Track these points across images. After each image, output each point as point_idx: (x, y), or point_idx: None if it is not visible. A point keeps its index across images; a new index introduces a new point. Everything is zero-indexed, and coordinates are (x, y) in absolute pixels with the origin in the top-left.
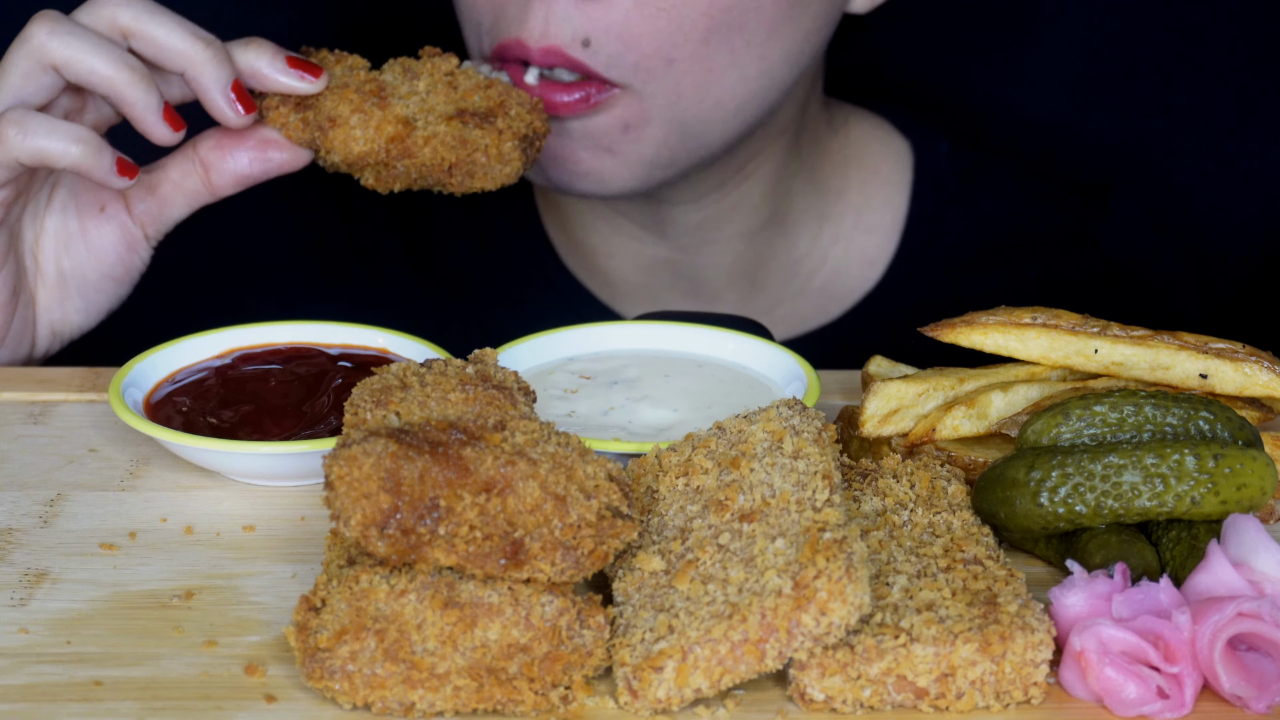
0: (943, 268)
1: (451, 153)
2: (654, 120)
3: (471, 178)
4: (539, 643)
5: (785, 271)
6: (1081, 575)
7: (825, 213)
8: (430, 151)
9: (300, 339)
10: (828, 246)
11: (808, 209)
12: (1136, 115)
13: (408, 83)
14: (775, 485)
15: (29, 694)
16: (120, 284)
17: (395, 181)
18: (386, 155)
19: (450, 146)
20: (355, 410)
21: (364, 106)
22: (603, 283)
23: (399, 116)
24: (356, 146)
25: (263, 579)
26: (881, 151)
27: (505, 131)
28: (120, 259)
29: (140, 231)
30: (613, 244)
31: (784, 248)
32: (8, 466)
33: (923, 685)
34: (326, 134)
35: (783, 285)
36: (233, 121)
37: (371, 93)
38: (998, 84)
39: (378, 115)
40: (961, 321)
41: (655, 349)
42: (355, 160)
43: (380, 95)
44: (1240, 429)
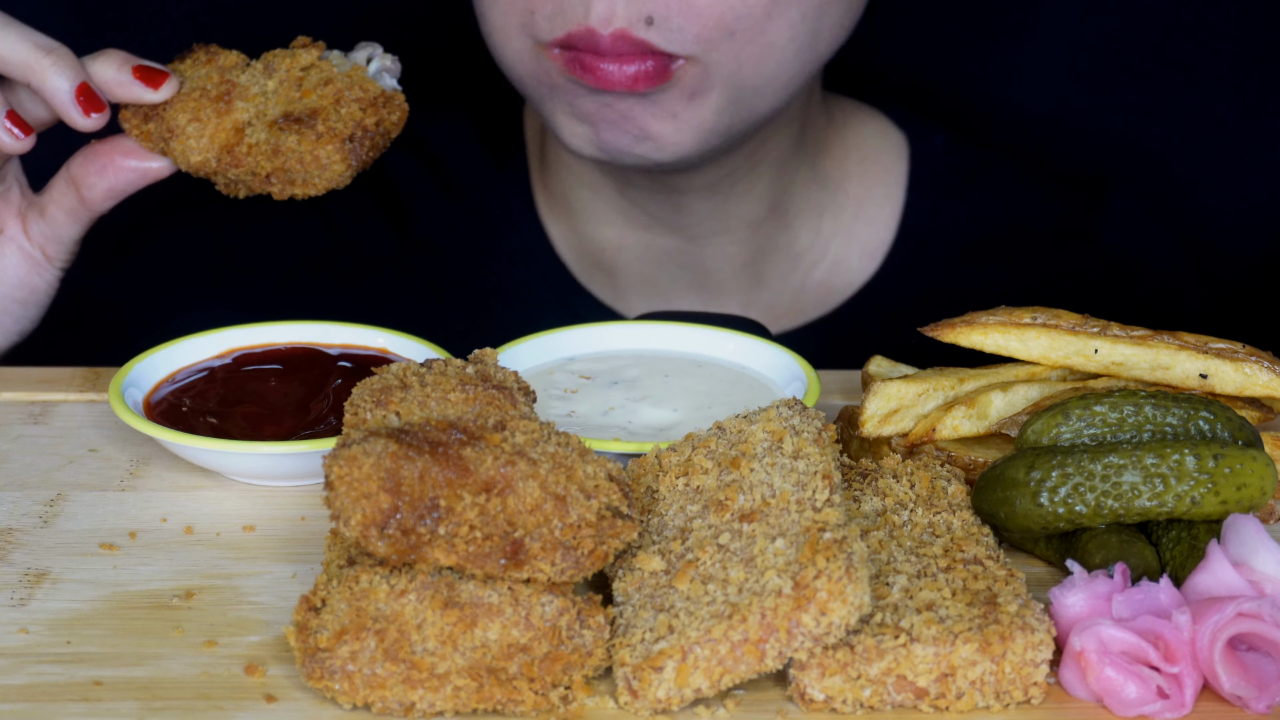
0: (939, 261)
1: (268, 161)
2: (716, 87)
3: (291, 184)
4: (539, 643)
5: (787, 264)
6: (1081, 575)
7: (825, 205)
8: (252, 160)
9: (300, 339)
10: (828, 239)
11: (809, 201)
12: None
13: (260, 82)
14: (775, 485)
15: (29, 694)
16: (26, 306)
17: (238, 189)
18: (219, 165)
19: (266, 155)
20: (355, 410)
21: (201, 115)
22: (605, 280)
23: (234, 124)
24: (194, 156)
25: (263, 579)
26: (879, 145)
27: (325, 135)
28: (22, 281)
29: (39, 253)
30: (622, 237)
31: (786, 240)
32: (8, 466)
33: (923, 685)
34: (169, 144)
35: (784, 277)
36: (80, 124)
37: (216, 99)
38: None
39: (213, 123)
40: (961, 321)
41: (655, 349)
42: (196, 169)
43: (226, 100)
44: (1240, 429)
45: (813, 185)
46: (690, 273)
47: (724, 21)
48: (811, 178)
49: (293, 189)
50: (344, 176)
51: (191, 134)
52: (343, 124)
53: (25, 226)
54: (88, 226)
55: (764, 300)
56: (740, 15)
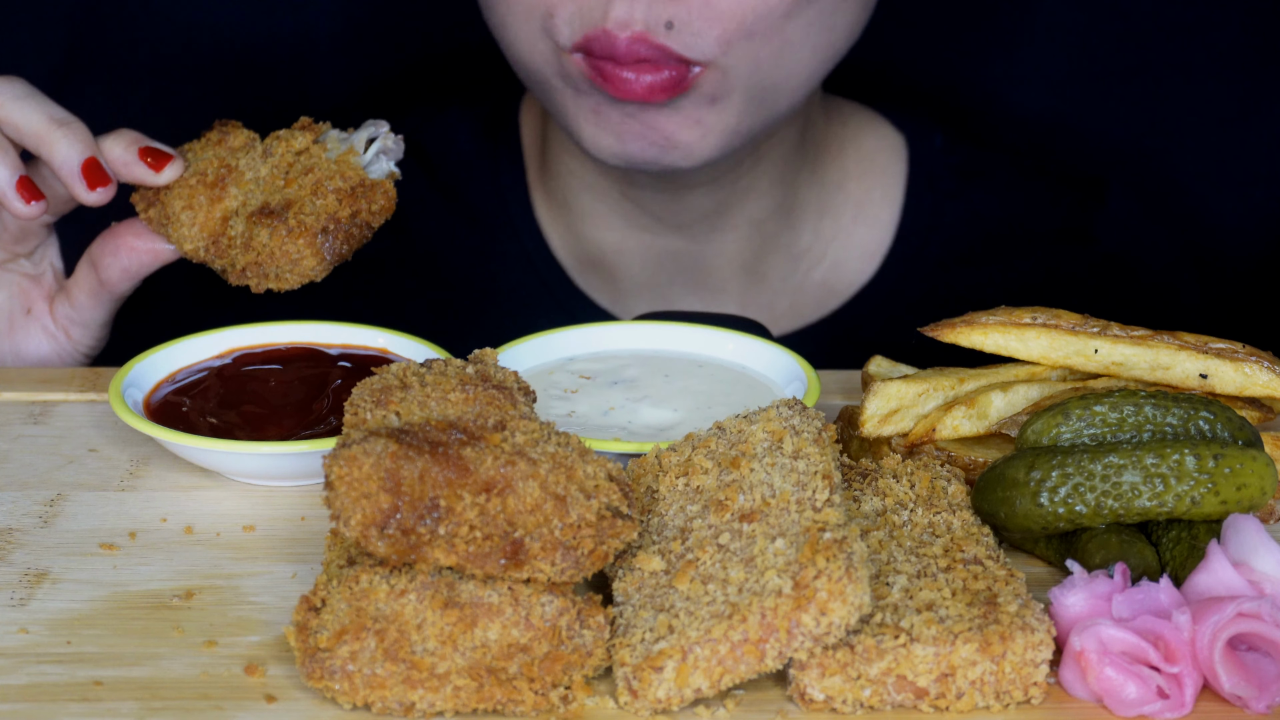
0: (938, 261)
1: (242, 255)
2: (736, 90)
3: (265, 279)
4: (539, 643)
5: (787, 264)
6: (1081, 575)
7: (826, 205)
8: (232, 253)
9: (300, 339)
10: (828, 240)
11: (810, 200)
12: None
13: (254, 167)
14: (775, 485)
15: (29, 694)
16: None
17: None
18: (206, 255)
19: (240, 249)
20: (355, 410)
21: (194, 201)
22: (604, 283)
23: (223, 213)
24: (186, 245)
25: (263, 579)
26: (878, 145)
27: (296, 229)
28: (43, 360)
29: (63, 334)
30: (624, 238)
31: (787, 240)
32: (8, 466)
33: (923, 685)
34: (167, 230)
35: (784, 278)
36: (84, 198)
37: (212, 184)
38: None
39: (203, 212)
40: (961, 321)
41: (655, 349)
42: (191, 257)
43: (221, 185)
44: (1240, 429)
45: (814, 185)
46: (690, 273)
47: (744, 24)
48: (812, 178)
49: (267, 283)
50: (316, 270)
51: (185, 222)
52: (314, 217)
53: (52, 309)
54: (111, 310)
55: (764, 301)
56: (761, 16)
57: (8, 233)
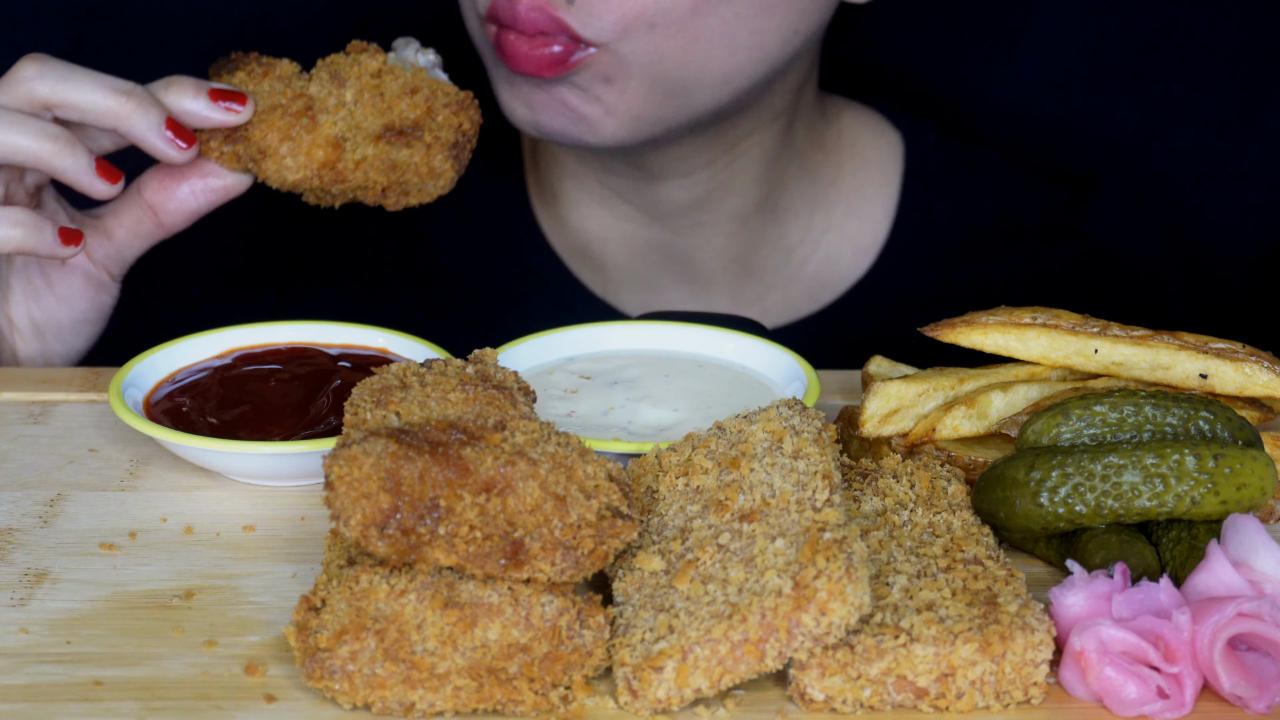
0: (932, 257)
1: (383, 176)
2: (634, 76)
3: (406, 196)
4: (539, 643)
5: (778, 258)
6: (1081, 575)
7: (817, 200)
8: (361, 175)
9: (300, 339)
10: (820, 234)
11: (800, 196)
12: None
13: (335, 93)
14: (775, 485)
15: (29, 694)
16: (95, 324)
17: (335, 200)
18: (320, 181)
19: (380, 170)
20: (355, 410)
21: (292, 133)
22: (596, 271)
23: (328, 139)
24: (290, 175)
25: (263, 579)
26: (873, 141)
27: (434, 145)
28: (91, 303)
29: (104, 274)
30: (607, 228)
31: (776, 234)
32: (8, 466)
33: (923, 685)
34: (260, 165)
35: (775, 272)
36: (176, 159)
37: (299, 114)
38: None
39: (307, 140)
40: (961, 321)
41: (655, 349)
42: (293, 187)
43: (309, 114)
44: (1240, 429)
45: (803, 181)
46: (678, 265)
47: (645, 13)
48: (802, 174)
49: (407, 199)
50: (451, 184)
51: (287, 153)
52: (446, 132)
53: (89, 251)
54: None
55: (755, 294)
56: (665, 9)
57: None
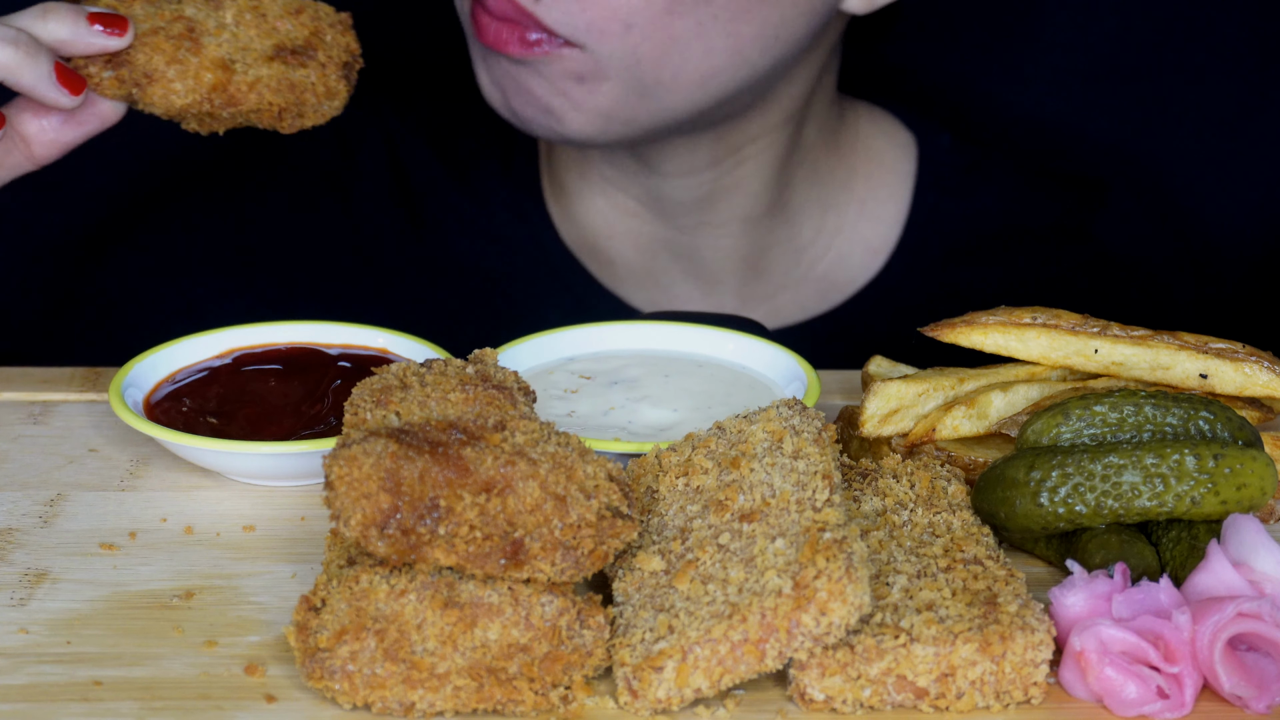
0: (943, 259)
1: (279, 97)
2: (610, 77)
3: (301, 118)
4: (539, 643)
5: (788, 259)
6: (1081, 575)
7: (829, 202)
8: (256, 97)
9: (300, 339)
10: (831, 235)
11: (810, 198)
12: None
13: (213, 15)
14: (775, 485)
15: (29, 694)
16: None
17: (219, 125)
18: (211, 105)
19: (276, 90)
20: (355, 410)
21: (178, 55)
22: (605, 266)
23: (216, 61)
24: (178, 100)
25: (263, 579)
26: (887, 143)
27: (328, 64)
28: None
29: None
30: (612, 223)
31: (786, 235)
32: (8, 466)
33: (923, 685)
34: (145, 90)
35: (785, 272)
36: (66, 105)
37: (181, 36)
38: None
39: (194, 63)
40: (961, 321)
41: (655, 349)
42: (178, 113)
43: (192, 37)
44: (1240, 429)
45: (814, 183)
46: (686, 262)
47: (619, 14)
48: (813, 176)
49: (302, 121)
50: (343, 105)
51: (175, 77)
52: (337, 51)
53: None
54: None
55: (764, 293)
56: (638, 8)
57: None
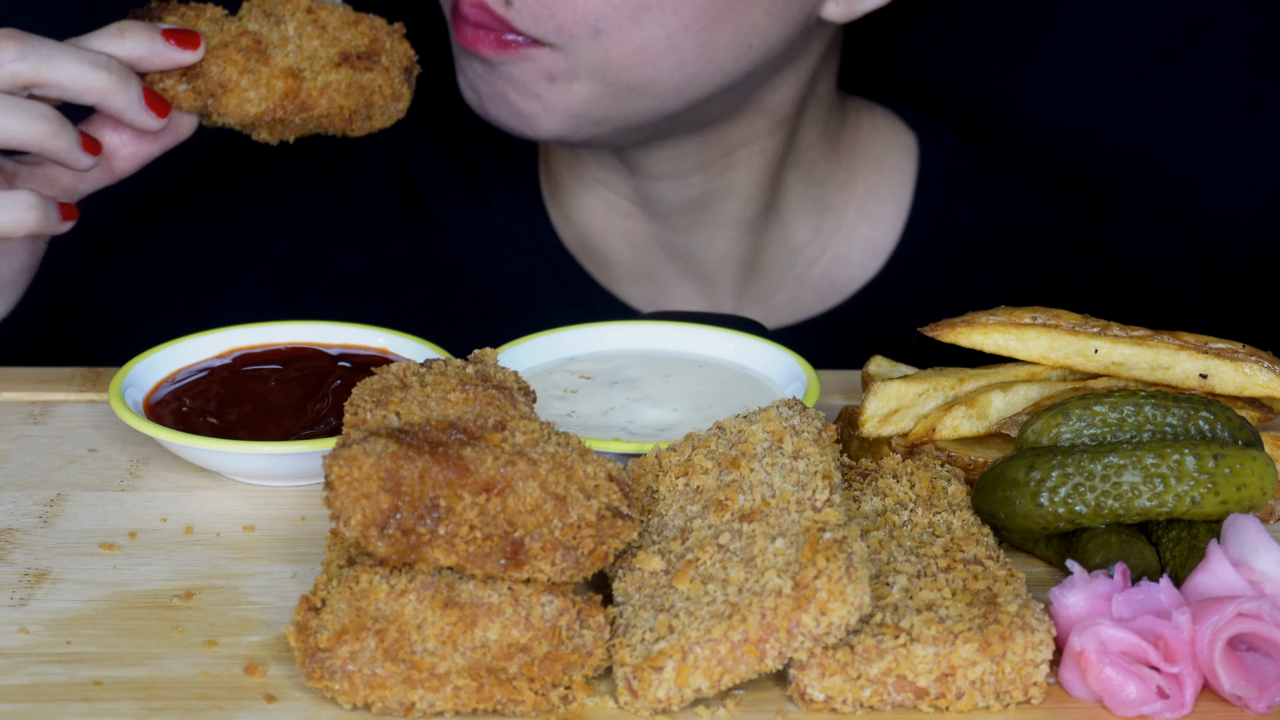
0: (945, 261)
1: (349, 100)
2: (581, 78)
3: (370, 120)
4: (539, 643)
5: (784, 259)
6: (1081, 575)
7: (826, 203)
8: (327, 101)
9: (300, 339)
10: (829, 236)
11: (807, 199)
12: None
13: (275, 29)
14: (775, 485)
15: (29, 694)
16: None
17: (290, 133)
18: (284, 112)
19: (346, 94)
20: (355, 410)
21: (249, 66)
22: (602, 265)
23: (285, 69)
24: (252, 108)
25: (263, 579)
26: (889, 144)
27: (391, 68)
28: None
29: None
30: (607, 223)
31: (781, 236)
32: (8, 466)
33: (923, 685)
34: (220, 100)
35: (782, 272)
36: (154, 127)
37: (250, 48)
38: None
39: (264, 72)
40: (961, 321)
41: (655, 349)
42: (252, 121)
43: (259, 49)
44: (1240, 429)
45: (810, 185)
46: (682, 263)
47: (587, 18)
48: (809, 178)
49: (371, 124)
50: (406, 108)
51: (248, 85)
52: (398, 56)
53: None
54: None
55: (761, 293)
56: (604, 14)
57: None
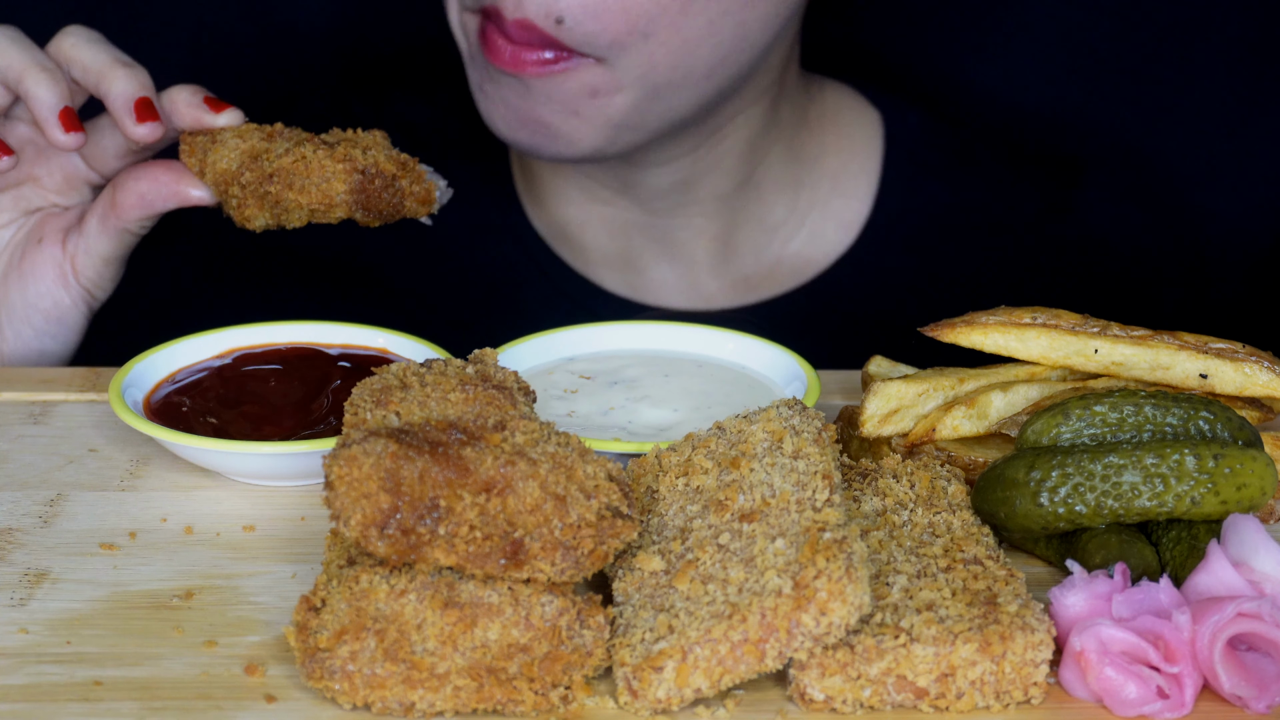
0: (915, 235)
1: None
2: (625, 88)
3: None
4: (539, 643)
5: (762, 236)
6: (1081, 575)
7: (801, 178)
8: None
9: (300, 339)
10: (805, 211)
11: (783, 174)
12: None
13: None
14: (775, 485)
15: (29, 694)
16: (49, 321)
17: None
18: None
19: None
20: (355, 410)
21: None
22: (579, 252)
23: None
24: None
25: (263, 579)
26: (854, 119)
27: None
28: (49, 292)
29: (70, 265)
30: (585, 211)
31: (759, 213)
32: (8, 466)
33: (923, 685)
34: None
35: (759, 250)
36: (132, 131)
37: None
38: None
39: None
40: (961, 321)
41: (655, 349)
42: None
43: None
44: (1240, 429)
45: (787, 160)
46: (660, 245)
47: (638, 25)
48: (786, 152)
49: (289, 192)
50: (341, 199)
51: (231, 146)
52: (362, 156)
53: (64, 239)
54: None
55: (738, 271)
56: (654, 16)
57: (52, 179)
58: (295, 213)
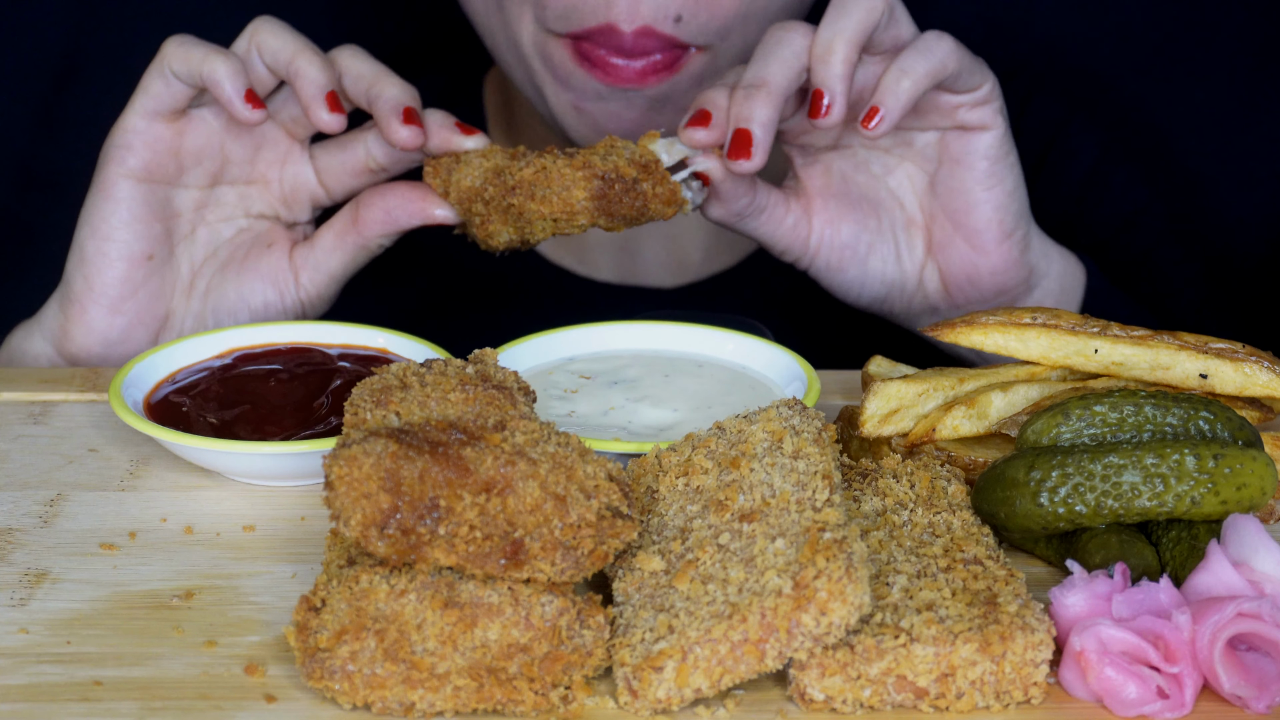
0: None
1: (520, 173)
2: (722, 70)
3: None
4: (539, 643)
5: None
6: (1081, 575)
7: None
8: (510, 176)
9: (300, 339)
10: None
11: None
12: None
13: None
14: (775, 485)
15: (29, 694)
16: (254, 319)
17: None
18: (483, 185)
19: (524, 169)
20: (355, 410)
21: (489, 154)
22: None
23: (512, 154)
24: (465, 181)
25: (263, 579)
26: None
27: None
28: (263, 292)
29: (293, 278)
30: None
31: None
32: (8, 466)
33: (923, 685)
34: (450, 176)
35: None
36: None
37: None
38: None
39: (494, 160)
40: (962, 321)
41: (655, 349)
42: (465, 195)
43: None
44: (1240, 429)
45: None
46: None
47: (741, 8)
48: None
49: (531, 203)
50: (581, 205)
51: (475, 165)
52: (600, 163)
53: (292, 250)
54: (350, 263)
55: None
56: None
57: (281, 186)
58: (538, 224)
